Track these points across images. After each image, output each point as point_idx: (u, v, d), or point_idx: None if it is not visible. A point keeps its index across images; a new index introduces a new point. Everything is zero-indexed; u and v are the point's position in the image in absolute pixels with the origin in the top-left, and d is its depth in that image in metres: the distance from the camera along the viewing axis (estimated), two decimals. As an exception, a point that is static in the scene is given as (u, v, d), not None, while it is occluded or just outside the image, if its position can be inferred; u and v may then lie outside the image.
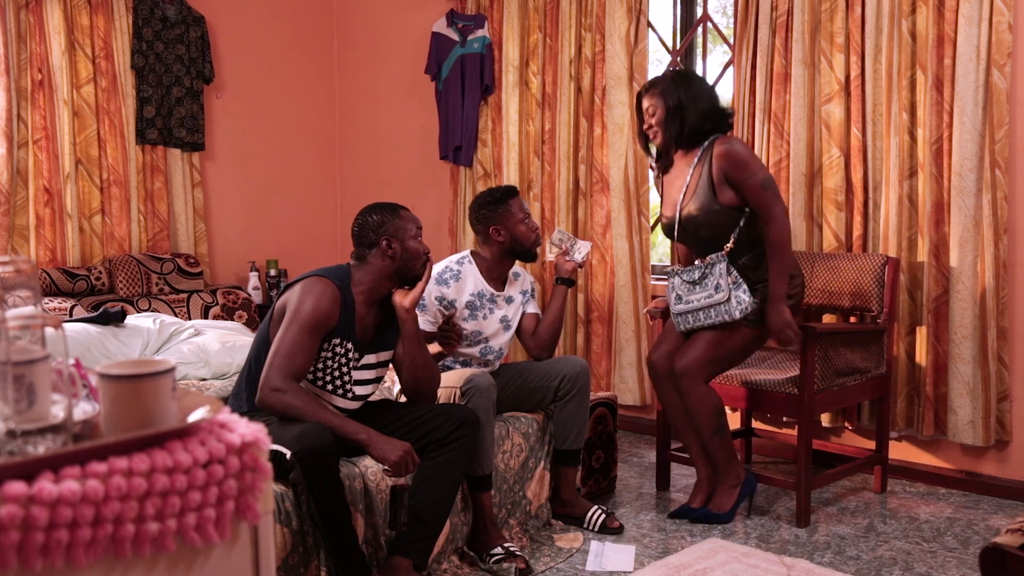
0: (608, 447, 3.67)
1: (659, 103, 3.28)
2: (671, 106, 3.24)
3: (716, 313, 3.23)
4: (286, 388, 2.56)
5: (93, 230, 4.78)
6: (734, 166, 3.16)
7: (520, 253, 3.33)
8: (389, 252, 2.77)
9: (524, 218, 3.31)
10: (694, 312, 3.28)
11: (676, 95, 3.24)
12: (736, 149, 3.19)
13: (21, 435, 1.09)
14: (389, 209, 2.83)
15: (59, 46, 4.59)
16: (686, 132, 3.25)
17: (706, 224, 3.24)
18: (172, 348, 3.87)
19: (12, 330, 1.11)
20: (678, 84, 3.27)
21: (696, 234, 3.29)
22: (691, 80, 3.31)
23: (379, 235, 2.78)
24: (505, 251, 3.32)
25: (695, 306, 3.26)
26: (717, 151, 3.19)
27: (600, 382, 4.61)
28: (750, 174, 3.16)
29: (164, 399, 1.19)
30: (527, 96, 4.86)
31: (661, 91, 3.28)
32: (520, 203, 3.34)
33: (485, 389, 2.97)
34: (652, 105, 3.30)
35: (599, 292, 4.64)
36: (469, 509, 3.02)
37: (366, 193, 5.23)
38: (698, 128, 3.24)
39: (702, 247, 3.30)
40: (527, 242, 3.31)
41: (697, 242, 3.32)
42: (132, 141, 4.89)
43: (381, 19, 5.63)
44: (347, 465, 2.70)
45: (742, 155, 3.18)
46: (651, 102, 3.31)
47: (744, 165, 3.16)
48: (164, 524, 1.13)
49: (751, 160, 3.19)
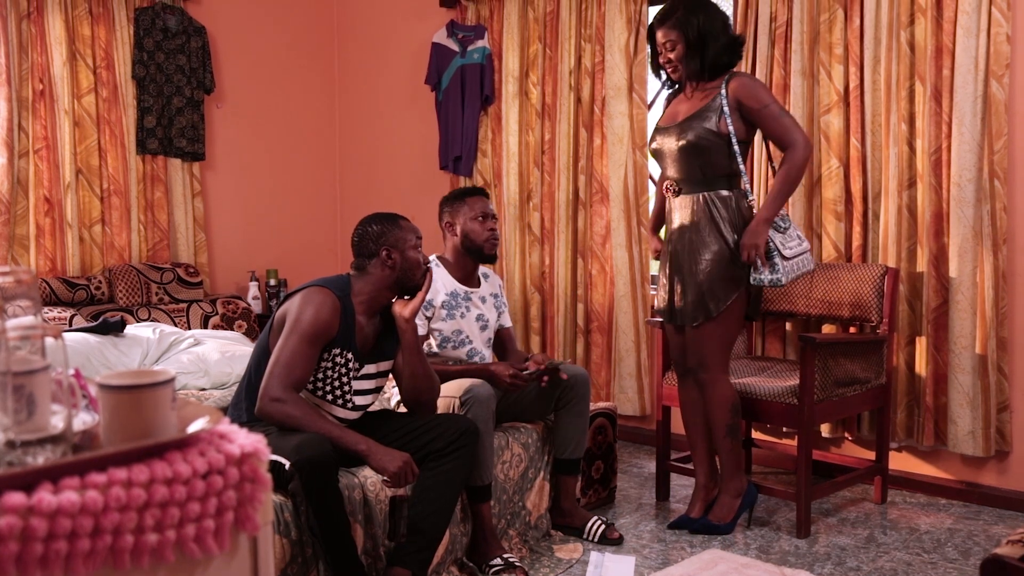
0: (608, 457, 3.67)
1: (678, 37, 3.21)
2: (691, 40, 3.19)
3: (806, 263, 3.23)
4: (285, 398, 2.56)
5: (93, 240, 4.78)
6: (751, 96, 3.16)
7: (473, 251, 3.34)
8: (389, 262, 2.78)
9: (478, 216, 3.32)
10: (793, 264, 3.19)
11: (696, 26, 3.17)
12: (754, 81, 3.23)
13: (20, 446, 1.09)
14: (389, 219, 2.84)
15: (60, 56, 4.60)
16: (706, 67, 3.22)
17: (707, 149, 3.19)
18: (171, 358, 3.87)
19: (12, 340, 1.11)
20: (695, 12, 3.18)
21: (688, 160, 3.22)
22: (707, 6, 3.23)
23: (379, 245, 2.78)
24: (462, 249, 3.34)
25: (795, 254, 3.19)
26: (734, 84, 3.18)
27: (600, 392, 4.61)
28: (767, 103, 3.16)
29: (164, 410, 1.19)
30: (527, 106, 4.87)
31: (679, 23, 3.20)
32: (480, 203, 3.34)
33: (484, 399, 2.97)
34: (670, 40, 3.23)
35: (599, 302, 4.64)
36: (468, 519, 3.01)
37: (366, 203, 5.24)
38: (716, 63, 3.22)
39: (691, 174, 3.24)
40: (478, 239, 3.31)
41: (687, 167, 3.24)
42: (133, 151, 4.90)
43: (381, 29, 5.65)
44: (347, 476, 2.70)
45: (759, 85, 3.22)
46: (668, 36, 3.23)
47: (761, 95, 3.17)
48: (163, 535, 1.12)
49: (766, 91, 3.21)
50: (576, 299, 4.70)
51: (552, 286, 4.80)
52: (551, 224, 4.79)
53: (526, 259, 4.89)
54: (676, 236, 3.30)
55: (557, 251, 4.73)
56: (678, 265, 3.29)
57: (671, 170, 3.30)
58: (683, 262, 3.27)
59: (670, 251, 3.34)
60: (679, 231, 3.29)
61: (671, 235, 3.35)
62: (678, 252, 3.29)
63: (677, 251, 3.30)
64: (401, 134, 5.59)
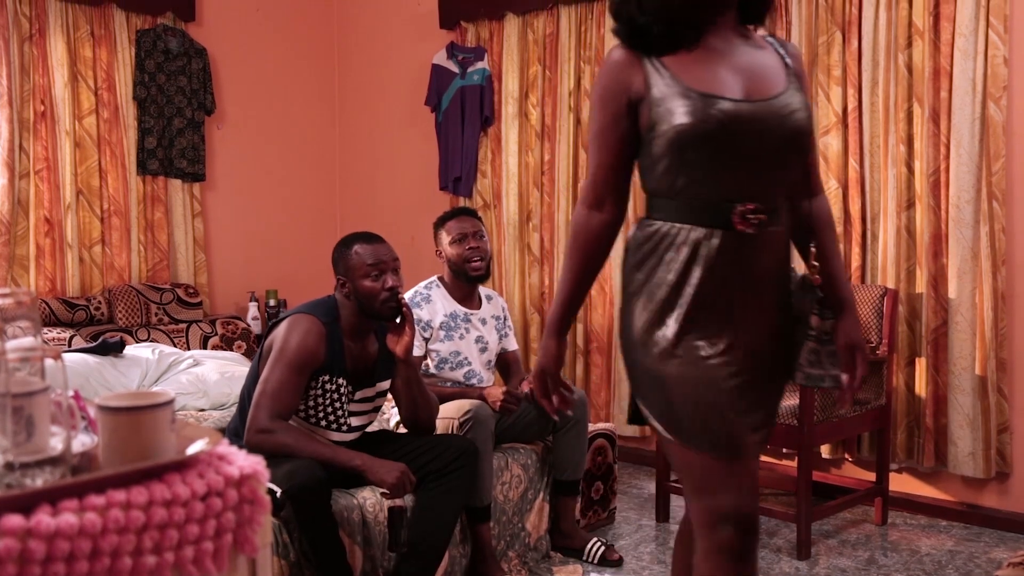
0: (607, 478, 3.66)
1: None
2: None
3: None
4: (274, 428, 2.54)
5: (93, 260, 4.79)
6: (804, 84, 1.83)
7: (458, 273, 3.34)
8: (344, 291, 2.73)
9: (455, 239, 3.31)
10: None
11: None
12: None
13: (19, 467, 1.09)
14: (344, 245, 2.75)
15: (62, 78, 4.62)
16: None
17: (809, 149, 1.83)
18: (171, 378, 3.86)
19: (12, 362, 1.11)
20: None
21: (798, 156, 1.77)
22: None
23: (336, 272, 2.74)
24: (451, 272, 3.35)
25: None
26: (795, 51, 1.85)
27: (599, 413, 4.60)
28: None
29: (163, 431, 1.19)
30: (526, 127, 4.89)
31: None
32: (457, 225, 3.35)
33: (484, 420, 2.96)
34: None
35: (598, 323, 4.64)
36: (468, 541, 3.00)
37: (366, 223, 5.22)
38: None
39: (790, 186, 1.80)
40: (458, 262, 3.32)
41: (790, 172, 1.78)
42: (133, 172, 4.91)
43: (381, 51, 5.67)
44: (345, 497, 2.69)
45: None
46: None
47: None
48: (162, 557, 1.12)
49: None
50: (576, 319, 4.70)
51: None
52: (551, 245, 4.80)
53: (526, 280, 4.89)
54: (750, 299, 1.75)
55: (557, 272, 4.73)
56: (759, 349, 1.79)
57: (749, 180, 1.70)
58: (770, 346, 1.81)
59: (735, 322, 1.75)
60: (760, 286, 1.76)
61: (728, 291, 1.72)
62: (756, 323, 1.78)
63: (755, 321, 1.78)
64: (401, 155, 5.61)
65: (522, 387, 3.21)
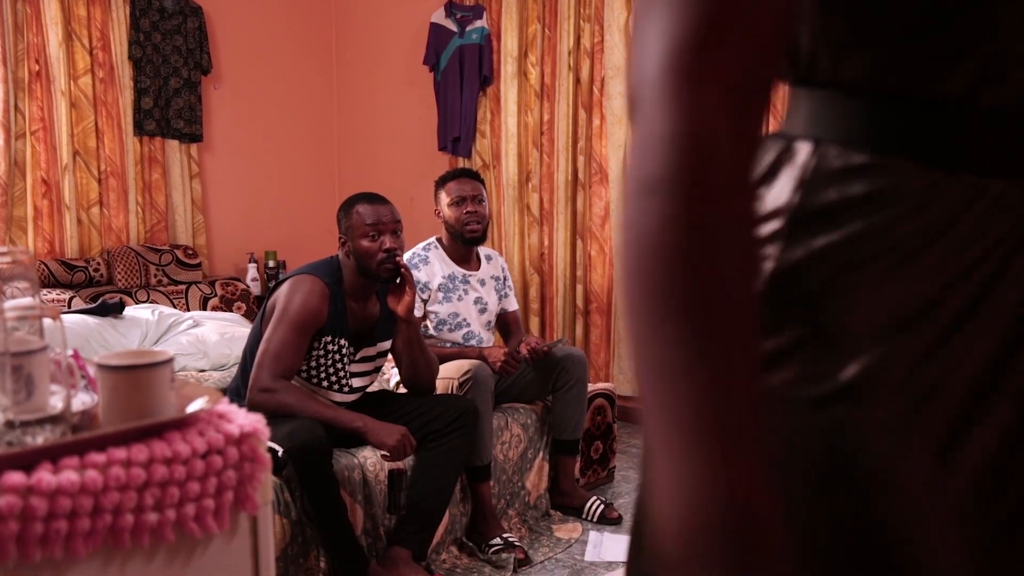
0: (607, 438, 3.68)
1: None
2: None
3: None
4: (276, 388, 2.54)
5: (91, 222, 4.77)
6: None
7: (454, 235, 3.34)
8: (345, 250, 2.74)
9: (454, 201, 3.31)
10: None
11: None
12: None
13: (20, 426, 1.09)
14: (347, 205, 2.77)
15: (56, 37, 4.58)
16: None
17: None
18: (171, 339, 3.87)
19: (10, 321, 1.11)
20: None
21: None
22: None
23: (339, 231, 2.76)
24: (449, 234, 3.35)
25: None
26: None
27: (599, 373, 4.62)
28: None
29: (163, 390, 1.19)
30: (526, 87, 4.85)
31: None
32: (456, 187, 3.33)
33: (483, 380, 2.97)
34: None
35: (597, 283, 4.64)
36: (468, 500, 3.02)
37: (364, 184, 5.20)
38: None
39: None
40: (456, 225, 3.31)
41: None
42: (130, 132, 4.88)
43: (379, 10, 5.61)
44: (346, 456, 2.70)
45: None
46: None
47: None
48: (163, 514, 1.13)
49: None
50: (575, 280, 4.70)
51: (551, 267, 4.79)
52: (550, 205, 4.78)
53: (525, 240, 4.88)
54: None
55: (556, 232, 4.72)
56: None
57: None
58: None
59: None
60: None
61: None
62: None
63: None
64: (400, 115, 5.57)
65: (521, 348, 3.21)
